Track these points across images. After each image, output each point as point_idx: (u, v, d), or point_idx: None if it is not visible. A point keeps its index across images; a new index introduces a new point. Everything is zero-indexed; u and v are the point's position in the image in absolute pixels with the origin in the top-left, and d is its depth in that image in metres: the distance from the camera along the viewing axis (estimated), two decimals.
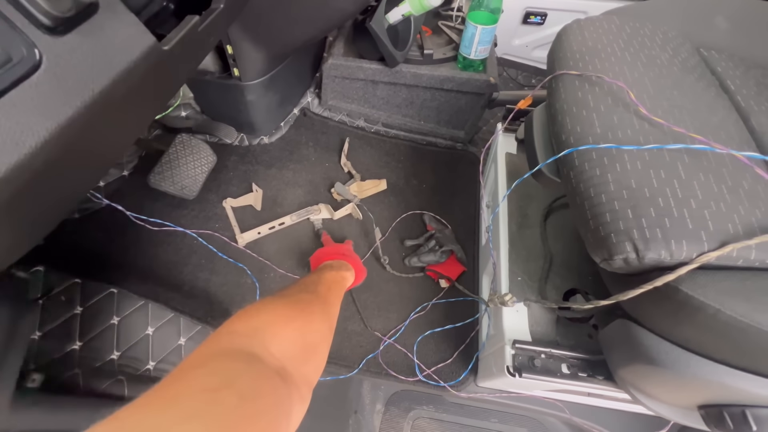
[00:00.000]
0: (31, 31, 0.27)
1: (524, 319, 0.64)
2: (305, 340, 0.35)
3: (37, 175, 0.29)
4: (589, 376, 0.57)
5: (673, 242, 0.36)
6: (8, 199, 0.28)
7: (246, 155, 1.04)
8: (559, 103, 0.51)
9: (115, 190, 0.90)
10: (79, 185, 0.41)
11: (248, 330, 0.31)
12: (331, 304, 0.47)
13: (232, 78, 0.90)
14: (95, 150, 0.39)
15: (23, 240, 0.37)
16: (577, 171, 0.44)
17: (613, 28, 0.56)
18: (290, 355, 0.32)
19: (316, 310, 0.40)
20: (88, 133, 0.34)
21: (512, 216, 0.75)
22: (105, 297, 0.70)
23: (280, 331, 0.33)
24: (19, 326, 0.41)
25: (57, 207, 0.39)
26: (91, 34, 0.31)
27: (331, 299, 0.48)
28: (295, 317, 0.36)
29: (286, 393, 0.29)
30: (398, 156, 1.10)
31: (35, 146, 0.28)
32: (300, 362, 0.33)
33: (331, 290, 0.50)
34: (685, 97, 0.47)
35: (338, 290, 0.54)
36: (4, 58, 0.26)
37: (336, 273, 0.58)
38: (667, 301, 0.37)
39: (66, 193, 0.39)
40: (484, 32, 0.90)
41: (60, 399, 0.49)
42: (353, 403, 0.93)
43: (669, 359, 0.41)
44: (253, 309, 0.34)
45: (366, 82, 1.04)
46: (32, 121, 0.27)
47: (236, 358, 0.28)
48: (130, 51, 0.34)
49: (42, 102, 0.28)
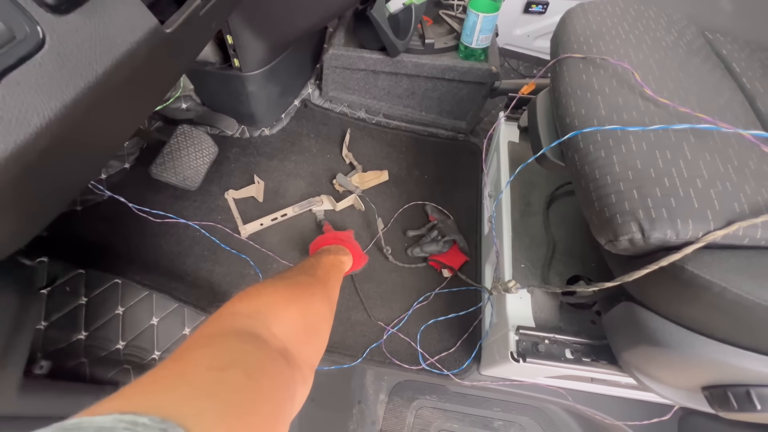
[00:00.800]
0: (34, 9, 0.27)
1: (528, 306, 0.64)
2: (306, 321, 0.35)
3: (41, 157, 0.29)
4: (592, 361, 0.57)
5: (679, 221, 0.36)
6: (13, 180, 0.28)
7: (247, 147, 1.04)
8: (563, 86, 0.50)
9: (117, 182, 0.90)
10: (80, 172, 0.41)
11: (250, 311, 0.31)
12: (331, 287, 0.47)
13: (233, 69, 0.89)
14: (97, 135, 0.39)
15: (26, 226, 0.37)
16: (582, 153, 0.44)
17: (618, 11, 0.56)
18: (292, 336, 0.32)
19: (316, 293, 0.40)
20: (91, 116, 0.34)
21: (515, 204, 0.75)
22: (109, 287, 0.70)
23: (281, 313, 0.33)
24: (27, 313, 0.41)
25: (59, 194, 0.39)
26: (93, 14, 0.31)
27: (330, 282, 0.48)
28: (295, 299, 0.36)
29: (290, 374, 0.28)
30: (400, 147, 1.10)
31: (41, 126, 0.27)
32: (302, 344, 0.32)
33: (329, 273, 0.50)
34: (690, 78, 0.46)
35: (336, 273, 0.53)
36: (7, 36, 0.25)
37: (334, 257, 0.58)
38: (673, 281, 0.37)
39: (67, 179, 0.39)
40: (486, 20, 0.89)
41: (67, 385, 0.50)
42: (357, 393, 0.94)
43: (674, 340, 0.41)
44: (254, 290, 0.34)
45: (367, 72, 1.03)
46: (37, 101, 0.27)
47: (241, 338, 0.27)
48: (132, 32, 0.34)
49: (46, 82, 0.28)
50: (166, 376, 0.22)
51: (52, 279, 0.62)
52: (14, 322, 0.40)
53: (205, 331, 0.28)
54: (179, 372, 0.22)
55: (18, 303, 0.41)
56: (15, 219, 0.33)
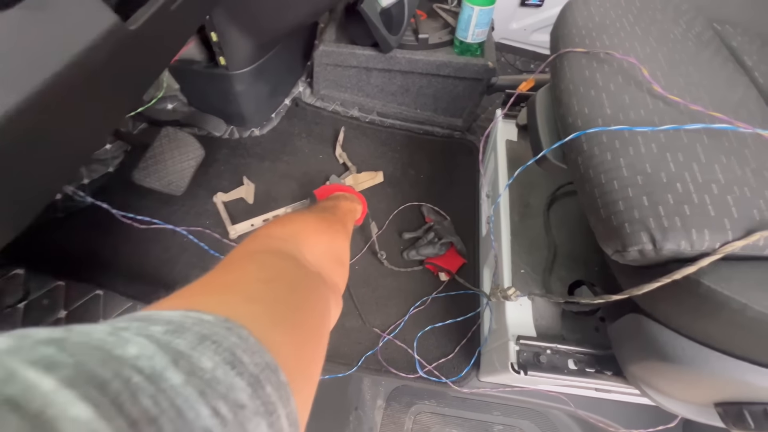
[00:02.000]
0: None
1: (528, 313, 0.61)
2: (333, 252, 0.37)
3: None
4: (597, 372, 0.54)
5: (694, 231, 0.33)
6: None
7: (237, 148, 1.00)
8: (564, 83, 0.47)
9: (100, 187, 0.86)
10: (49, 179, 0.38)
11: (284, 234, 0.33)
12: (348, 229, 0.50)
13: (219, 67, 0.86)
14: (62, 140, 0.35)
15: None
16: (585, 156, 0.41)
17: (622, 2, 0.52)
18: (323, 262, 0.33)
19: (340, 229, 0.42)
20: (47, 122, 0.30)
21: (514, 205, 0.72)
22: (90, 299, 0.67)
23: (312, 239, 0.35)
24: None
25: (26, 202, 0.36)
26: (40, 11, 0.27)
27: (348, 225, 0.51)
28: (324, 230, 0.38)
29: (326, 292, 0.30)
30: (394, 146, 1.06)
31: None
32: (331, 271, 0.34)
33: (346, 217, 0.53)
34: (701, 73, 0.43)
35: (351, 219, 0.56)
36: None
37: (349, 203, 0.60)
38: (687, 295, 0.34)
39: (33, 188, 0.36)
40: (482, 14, 0.86)
41: None
42: (353, 400, 0.91)
43: (686, 356, 0.38)
44: (286, 218, 0.37)
45: (359, 69, 1.00)
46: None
47: (280, 256, 0.29)
48: (88, 30, 0.30)
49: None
50: (219, 283, 0.23)
51: (26, 293, 0.58)
52: None
53: (247, 248, 0.30)
54: (232, 281, 0.24)
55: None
56: None
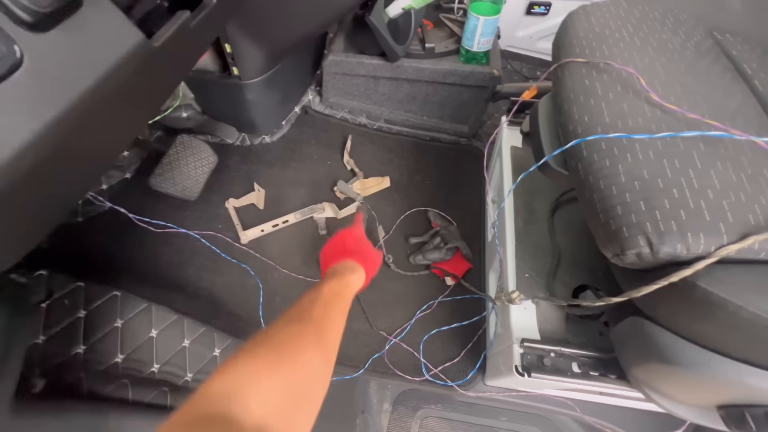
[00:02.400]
0: (11, 28, 0.26)
1: (533, 317, 0.62)
2: (294, 386, 0.32)
3: (25, 178, 0.28)
4: (600, 375, 0.55)
5: (690, 235, 0.34)
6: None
7: (248, 155, 1.03)
8: (565, 92, 0.49)
9: (117, 193, 0.90)
10: (73, 187, 0.40)
11: (224, 389, 0.29)
12: (329, 328, 0.42)
13: (232, 77, 0.89)
14: (89, 151, 0.38)
15: (18, 242, 0.36)
16: (585, 162, 0.42)
17: (621, 13, 0.54)
18: (274, 408, 0.29)
19: (308, 343, 0.37)
20: (78, 133, 0.33)
21: (518, 211, 0.73)
22: (108, 300, 0.70)
23: (261, 383, 0.30)
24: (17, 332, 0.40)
25: (52, 208, 0.39)
26: (74, 31, 0.30)
27: (329, 322, 0.43)
28: (280, 361, 0.33)
29: None
30: (401, 152, 1.08)
31: (19, 148, 0.27)
32: (286, 414, 0.30)
33: (328, 309, 0.45)
34: (699, 82, 0.44)
35: (340, 302, 0.48)
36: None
37: (338, 282, 0.52)
38: (684, 297, 0.35)
39: (60, 193, 0.38)
40: (487, 23, 0.88)
41: (64, 403, 0.49)
42: (360, 403, 0.92)
43: (686, 358, 0.39)
44: (231, 363, 0.32)
45: (367, 78, 1.02)
46: (15, 122, 0.27)
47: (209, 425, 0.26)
48: (116, 48, 0.33)
49: (25, 102, 0.27)
50: None
51: (50, 292, 0.61)
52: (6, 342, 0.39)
53: (177, 420, 0.27)
54: None
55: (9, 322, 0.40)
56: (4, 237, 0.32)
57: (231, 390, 0.29)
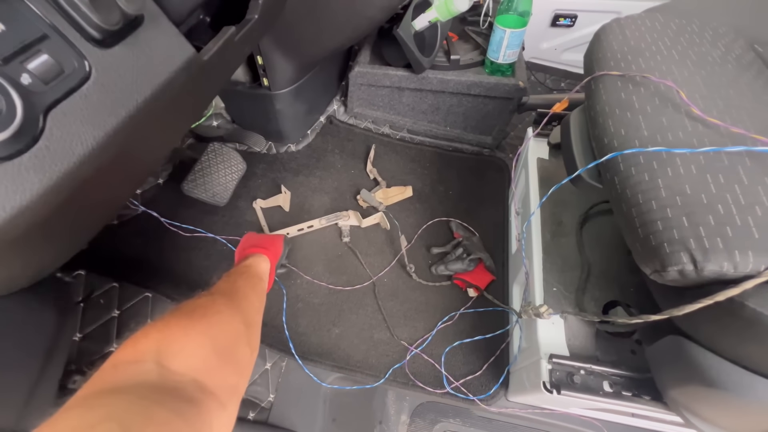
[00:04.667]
0: (82, 45, 0.28)
1: (561, 332, 0.61)
2: (214, 343, 0.32)
3: (85, 183, 0.30)
4: (634, 396, 0.53)
5: (737, 253, 0.33)
6: (58, 207, 0.29)
7: (274, 163, 1.06)
8: (599, 105, 0.48)
9: (151, 197, 0.93)
10: (121, 192, 0.43)
11: (136, 356, 0.29)
12: (240, 296, 0.43)
13: (262, 88, 0.92)
14: (138, 158, 0.40)
15: (69, 245, 0.38)
16: (622, 176, 0.42)
17: (657, 26, 0.53)
18: (198, 365, 0.30)
19: (222, 309, 0.37)
20: (132, 141, 0.35)
21: (545, 223, 0.72)
22: (140, 301, 0.72)
23: (179, 344, 0.30)
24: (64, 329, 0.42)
25: (100, 213, 0.41)
26: (136, 46, 0.32)
27: (240, 291, 0.44)
28: (194, 324, 0.33)
29: (194, 411, 0.27)
30: (424, 162, 1.09)
31: (84, 155, 0.28)
32: (213, 369, 0.31)
33: (236, 284, 0.46)
34: (742, 96, 0.43)
35: (247, 280, 0.49)
36: (57, 71, 0.27)
37: (237, 267, 0.55)
38: (731, 317, 0.34)
39: (109, 200, 0.40)
40: (513, 36, 0.88)
41: None
42: (378, 413, 0.91)
43: (731, 381, 0.37)
44: (141, 333, 0.31)
45: (392, 89, 1.04)
46: (82, 131, 0.28)
47: (119, 392, 0.25)
48: (171, 62, 0.35)
49: (91, 112, 0.29)
50: None
51: (89, 292, 0.64)
52: (52, 338, 0.41)
53: (80, 393, 0.26)
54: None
55: (56, 319, 0.42)
56: (58, 243, 0.34)
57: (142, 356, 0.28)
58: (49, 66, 0.26)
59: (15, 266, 0.31)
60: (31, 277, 0.36)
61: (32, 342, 0.40)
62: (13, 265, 0.30)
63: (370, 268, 0.90)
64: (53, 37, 0.26)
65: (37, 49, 0.25)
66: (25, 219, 0.26)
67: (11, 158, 0.25)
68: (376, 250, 0.93)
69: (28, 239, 0.28)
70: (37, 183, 0.26)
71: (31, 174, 0.26)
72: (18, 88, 0.24)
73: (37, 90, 0.26)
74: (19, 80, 0.25)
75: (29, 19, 0.25)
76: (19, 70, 0.25)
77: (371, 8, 0.74)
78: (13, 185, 0.25)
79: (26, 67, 0.25)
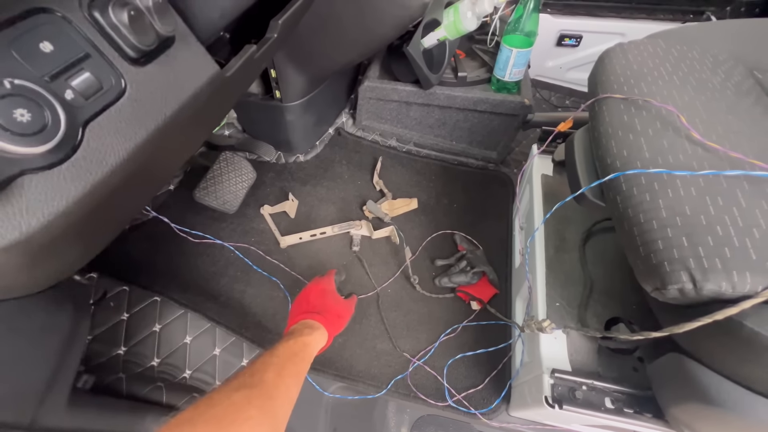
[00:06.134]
0: (120, 63, 0.30)
1: (563, 347, 0.61)
2: None
3: (114, 190, 0.32)
4: (635, 413, 0.53)
5: (735, 273, 0.34)
6: (90, 212, 0.30)
7: (282, 172, 1.08)
8: (603, 126, 0.50)
9: (161, 203, 0.95)
10: (142, 198, 0.44)
11: None
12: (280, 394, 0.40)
13: (274, 99, 0.95)
14: (159, 168, 0.42)
15: (93, 248, 0.40)
16: (624, 196, 0.43)
17: (659, 52, 0.55)
18: None
19: (253, 414, 0.34)
20: (157, 152, 0.37)
21: (549, 239, 0.73)
22: (149, 305, 0.73)
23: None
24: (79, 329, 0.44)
25: (123, 218, 0.42)
26: (166, 64, 0.34)
27: (281, 387, 0.41)
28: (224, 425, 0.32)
29: None
30: (429, 175, 1.11)
31: (116, 164, 0.30)
32: None
33: (282, 373, 0.43)
34: (741, 121, 0.45)
35: (295, 366, 0.46)
36: (96, 87, 0.29)
37: (294, 342, 0.50)
38: (729, 336, 0.35)
39: (132, 205, 0.42)
40: (519, 55, 0.91)
41: (107, 401, 0.52)
42: (378, 426, 0.91)
43: (731, 400, 0.38)
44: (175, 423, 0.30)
45: (400, 103, 1.07)
46: (114, 142, 0.30)
47: None
48: (198, 78, 0.37)
49: (123, 125, 0.31)
50: None
51: (102, 294, 0.65)
52: (68, 338, 0.42)
53: None
54: None
55: (72, 320, 0.44)
56: (84, 246, 0.36)
57: None
58: (90, 83, 0.28)
59: (45, 267, 0.32)
60: (56, 277, 0.37)
61: (49, 341, 0.41)
62: (44, 266, 0.32)
63: (374, 278, 0.91)
64: (94, 56, 0.28)
65: (80, 67, 0.28)
66: (60, 223, 0.28)
67: (52, 167, 0.27)
68: (381, 260, 0.94)
69: (60, 242, 0.30)
70: (74, 190, 0.28)
71: (69, 182, 0.27)
72: (62, 103, 0.26)
73: (78, 105, 0.28)
74: (64, 96, 0.27)
75: (74, 40, 0.27)
76: (64, 86, 0.27)
77: (383, 26, 0.77)
78: (53, 192, 0.27)
79: (70, 83, 0.27)
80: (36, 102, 0.25)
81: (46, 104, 0.25)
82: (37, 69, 0.25)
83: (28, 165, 0.25)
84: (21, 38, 0.25)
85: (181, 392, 0.67)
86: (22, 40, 0.25)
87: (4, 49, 0.24)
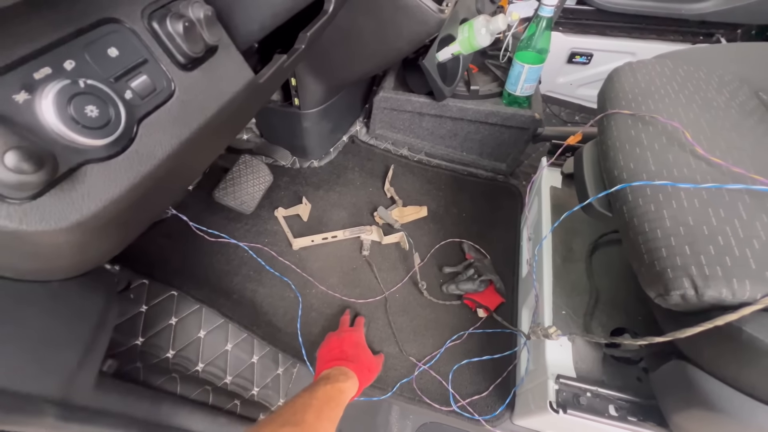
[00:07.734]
0: (171, 68, 0.34)
1: (568, 355, 0.63)
2: None
3: (157, 182, 0.35)
4: (639, 421, 0.54)
5: (735, 281, 0.36)
6: (136, 201, 0.33)
7: (297, 176, 1.11)
8: (611, 140, 0.52)
9: (180, 202, 0.99)
10: (175, 194, 0.48)
11: None
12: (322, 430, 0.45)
13: (292, 107, 0.99)
14: (194, 164, 0.45)
15: (128, 237, 0.43)
16: (630, 206, 0.45)
17: (666, 71, 0.58)
18: None
19: None
20: (194, 149, 0.40)
21: (556, 249, 0.75)
22: (167, 298, 0.76)
23: None
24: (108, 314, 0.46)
25: (156, 211, 0.45)
26: (209, 70, 0.37)
27: (321, 428, 0.45)
28: None
29: None
30: (439, 184, 1.13)
31: (162, 158, 0.33)
32: None
33: (321, 416, 0.47)
34: (744, 139, 0.47)
35: (332, 411, 0.50)
36: (151, 89, 0.32)
37: (331, 387, 0.54)
38: (730, 342, 0.36)
39: (165, 201, 0.45)
40: (531, 71, 0.94)
41: (128, 386, 0.54)
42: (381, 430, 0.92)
43: (732, 406, 0.39)
44: None
45: (413, 114, 1.10)
46: (163, 138, 0.33)
47: None
48: (235, 83, 0.40)
49: (171, 124, 0.34)
50: None
51: (127, 284, 0.68)
52: (99, 321, 0.45)
53: None
54: None
55: (103, 302, 0.46)
56: (123, 234, 0.39)
57: None
58: (146, 85, 0.31)
59: (92, 250, 0.35)
60: (96, 262, 0.40)
61: (82, 323, 0.44)
62: (91, 249, 0.35)
63: (383, 282, 0.93)
64: (151, 61, 0.32)
65: (139, 71, 0.31)
66: (112, 209, 0.31)
67: (110, 158, 0.30)
68: (390, 266, 0.96)
69: (108, 227, 0.33)
70: (126, 180, 0.31)
71: (123, 172, 0.31)
72: (124, 102, 0.29)
73: (135, 104, 0.31)
74: (124, 95, 0.30)
75: (136, 47, 0.31)
76: (125, 87, 0.30)
77: (401, 41, 0.81)
78: (109, 180, 0.30)
79: (130, 85, 0.30)
80: (103, 100, 0.28)
81: (110, 102, 0.28)
82: (105, 71, 0.29)
83: (91, 155, 0.28)
84: (93, 44, 0.28)
85: (194, 384, 0.69)
86: (94, 45, 0.28)
87: (80, 52, 0.27)
